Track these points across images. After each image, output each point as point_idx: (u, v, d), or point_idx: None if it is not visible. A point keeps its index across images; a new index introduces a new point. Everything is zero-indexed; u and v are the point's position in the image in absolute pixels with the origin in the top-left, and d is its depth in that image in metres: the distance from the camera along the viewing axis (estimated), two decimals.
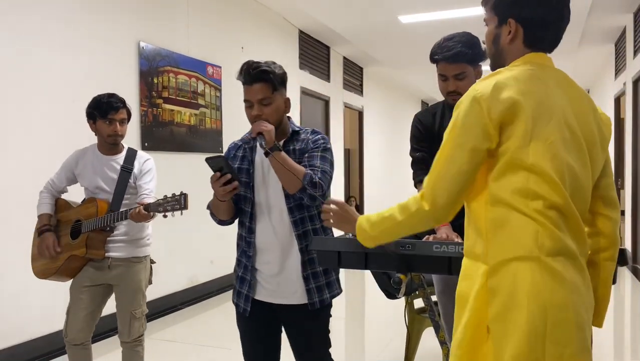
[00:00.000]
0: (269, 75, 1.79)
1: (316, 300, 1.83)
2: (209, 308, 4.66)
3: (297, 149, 1.88)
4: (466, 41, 1.98)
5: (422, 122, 2.17)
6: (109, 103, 2.44)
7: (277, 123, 1.83)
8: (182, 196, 2.27)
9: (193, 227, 4.73)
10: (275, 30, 6.30)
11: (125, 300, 2.50)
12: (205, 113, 4.97)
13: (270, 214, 1.85)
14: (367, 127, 9.63)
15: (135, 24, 4.14)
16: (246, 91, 1.82)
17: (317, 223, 1.87)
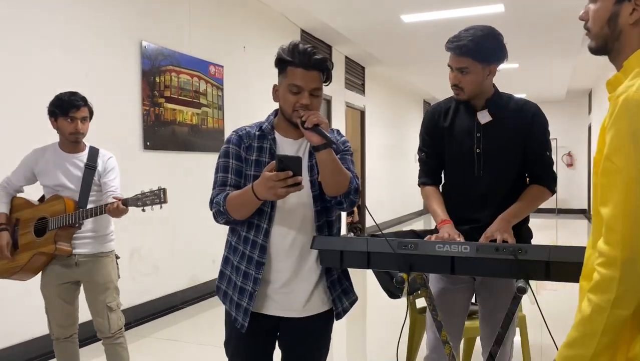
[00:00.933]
0: (327, 66, 1.65)
1: (341, 309, 1.74)
2: (210, 307, 4.65)
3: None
4: (481, 36, 1.85)
5: (432, 121, 2.07)
6: (70, 101, 2.46)
7: None
8: (161, 190, 2.33)
9: (194, 226, 4.73)
10: (277, 29, 6.30)
11: (97, 293, 2.53)
12: (207, 112, 4.97)
13: (292, 217, 1.67)
14: (368, 127, 9.62)
15: (137, 23, 4.14)
16: (300, 75, 1.61)
17: (334, 228, 1.75)
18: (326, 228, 1.71)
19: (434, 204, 2.02)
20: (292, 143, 1.74)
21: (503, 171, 1.95)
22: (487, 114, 1.95)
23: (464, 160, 1.98)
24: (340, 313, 1.74)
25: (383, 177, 10.36)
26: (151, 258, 4.27)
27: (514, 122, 1.94)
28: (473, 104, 1.98)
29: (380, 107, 10.27)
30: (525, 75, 9.95)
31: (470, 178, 1.98)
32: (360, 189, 1.70)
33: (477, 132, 1.95)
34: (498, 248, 1.48)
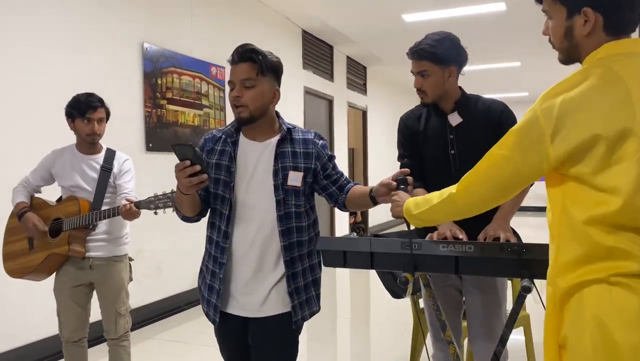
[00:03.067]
0: (257, 55, 1.64)
1: (299, 317, 1.68)
2: None
3: (298, 152, 1.70)
4: (436, 39, 1.96)
5: (407, 126, 2.16)
6: (88, 102, 2.46)
7: (259, 112, 1.66)
8: (173, 193, 2.29)
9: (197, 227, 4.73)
10: (279, 30, 6.30)
11: (109, 299, 2.54)
12: (209, 114, 4.97)
13: (253, 220, 1.67)
14: (371, 126, 9.61)
15: (139, 25, 4.14)
16: (231, 71, 1.67)
17: (304, 235, 1.70)
18: (294, 233, 1.67)
19: None
20: (256, 146, 1.70)
21: None
22: (457, 116, 2.04)
23: (440, 162, 2.05)
24: (299, 321, 1.68)
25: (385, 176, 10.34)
26: (155, 260, 4.27)
27: (484, 121, 2.02)
28: (442, 107, 2.07)
29: (382, 107, 10.27)
30: (527, 73, 9.93)
31: (447, 179, 2.02)
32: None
33: (450, 134, 2.04)
34: (502, 248, 1.48)
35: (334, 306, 5.12)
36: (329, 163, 1.77)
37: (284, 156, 1.68)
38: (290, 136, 1.73)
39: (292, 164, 1.68)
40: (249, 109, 1.64)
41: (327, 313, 4.77)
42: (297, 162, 1.69)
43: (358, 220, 9.21)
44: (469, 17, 6.23)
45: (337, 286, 5.97)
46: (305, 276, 1.71)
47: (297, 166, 1.68)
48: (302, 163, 1.70)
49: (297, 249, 1.68)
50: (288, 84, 6.51)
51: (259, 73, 1.64)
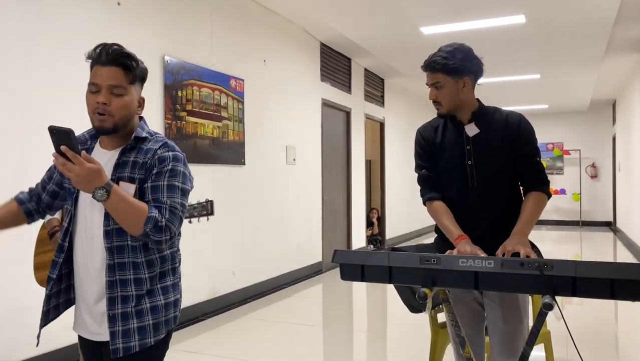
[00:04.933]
0: (131, 62, 1.51)
1: (120, 346, 1.48)
2: (231, 319, 4.67)
3: (139, 162, 1.53)
4: (448, 51, 1.98)
5: (424, 138, 2.16)
6: None
7: (124, 122, 1.52)
8: (209, 203, 2.37)
9: (214, 238, 4.77)
10: (297, 43, 6.36)
11: None
12: (228, 125, 5.02)
13: (86, 234, 1.54)
14: (388, 138, 9.60)
15: (160, 38, 4.22)
16: (96, 72, 1.49)
17: (139, 256, 1.51)
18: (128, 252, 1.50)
19: (445, 220, 2.04)
20: (105, 154, 1.57)
21: (495, 180, 2.02)
22: (475, 127, 2.05)
23: (457, 173, 2.05)
24: (118, 349, 1.48)
25: (402, 189, 10.31)
26: None
27: (501, 132, 2.02)
28: (459, 118, 2.08)
29: (399, 119, 10.26)
30: (547, 86, 9.84)
31: (464, 190, 2.05)
32: (165, 225, 1.46)
33: (467, 145, 2.04)
34: (523, 263, 1.46)
35: (350, 319, 5.08)
36: (156, 180, 1.51)
37: (125, 166, 1.53)
38: (141, 144, 1.56)
39: (128, 174, 1.51)
40: (113, 120, 1.49)
41: (343, 326, 4.75)
42: (134, 172, 1.52)
43: (375, 232, 9.17)
44: (488, 30, 6.21)
45: (353, 298, 5.94)
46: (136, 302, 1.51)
47: (132, 177, 1.51)
48: (137, 174, 1.52)
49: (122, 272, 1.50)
50: (306, 96, 6.56)
51: (130, 82, 1.51)
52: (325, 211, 6.99)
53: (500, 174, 2.02)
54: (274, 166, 5.84)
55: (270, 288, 5.66)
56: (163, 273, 1.58)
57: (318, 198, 6.86)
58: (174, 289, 1.63)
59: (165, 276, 1.59)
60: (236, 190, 5.14)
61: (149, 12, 4.11)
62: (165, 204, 1.48)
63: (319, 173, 6.89)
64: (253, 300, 5.26)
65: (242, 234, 5.21)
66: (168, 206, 1.48)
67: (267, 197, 5.68)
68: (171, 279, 1.62)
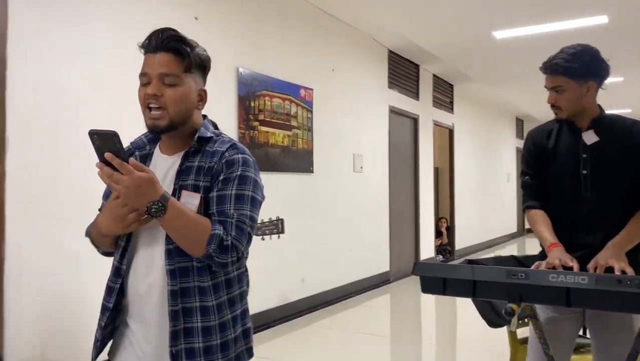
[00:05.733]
0: (184, 46, 1.33)
1: None
2: (300, 326, 4.70)
3: (204, 167, 1.31)
4: (573, 53, 1.84)
5: (535, 142, 2.02)
6: None
7: (181, 118, 1.31)
8: (279, 221, 2.37)
9: (284, 245, 4.83)
10: (365, 50, 6.36)
11: None
12: (298, 134, 5.10)
13: (146, 254, 1.32)
14: (457, 145, 9.37)
15: (234, 50, 4.36)
16: (146, 61, 1.31)
17: (205, 279, 1.28)
18: (193, 274, 1.27)
19: (541, 227, 1.93)
20: (166, 160, 1.37)
21: (611, 193, 1.87)
22: (594, 135, 1.91)
23: (570, 182, 1.92)
24: None
25: (473, 197, 10.01)
26: None
27: (622, 143, 1.87)
28: (578, 124, 1.94)
29: (469, 125, 9.99)
30: (631, 89, 9.24)
31: (576, 200, 1.91)
32: (231, 244, 1.24)
33: (583, 153, 1.90)
34: (621, 280, 1.36)
35: (418, 330, 4.98)
36: (222, 188, 1.29)
37: (189, 173, 1.32)
38: (204, 147, 1.35)
39: (192, 182, 1.30)
40: (168, 115, 1.29)
41: (411, 337, 4.66)
42: (199, 180, 1.31)
43: (444, 242, 8.95)
44: (567, 32, 5.92)
45: (422, 309, 5.82)
46: (203, 336, 1.27)
47: (197, 185, 1.30)
48: (202, 181, 1.31)
49: (187, 299, 1.27)
50: (373, 103, 6.54)
51: (186, 69, 1.32)
52: (392, 220, 6.91)
53: (617, 186, 1.87)
54: (341, 174, 5.86)
55: (338, 296, 5.66)
56: (232, 300, 1.33)
57: (385, 207, 6.80)
58: (243, 317, 1.37)
59: (234, 304, 1.34)
60: (305, 198, 5.19)
61: (224, 25, 4.26)
62: (232, 218, 1.26)
63: (386, 181, 6.83)
64: (322, 308, 5.27)
65: (310, 241, 5.25)
66: (235, 221, 1.26)
67: (335, 205, 5.70)
68: (240, 306, 1.36)
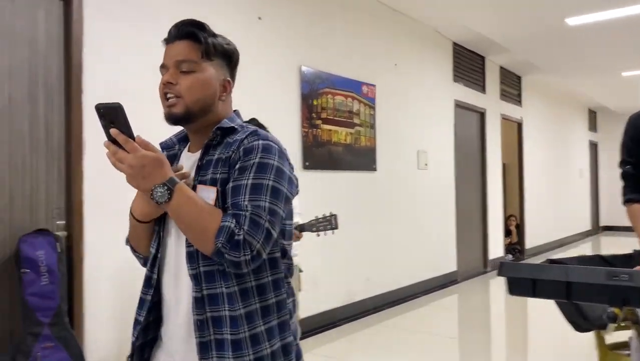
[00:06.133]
0: (201, 32, 1.22)
1: None
2: (367, 325, 4.64)
3: (222, 158, 1.19)
4: None
5: (637, 127, 1.85)
6: None
7: (199, 106, 1.20)
8: (333, 216, 2.50)
9: (350, 244, 4.78)
10: (429, 44, 6.19)
11: None
12: (360, 131, 5.03)
13: (175, 260, 1.19)
14: (527, 139, 8.96)
15: (297, 49, 4.35)
16: (165, 52, 1.23)
17: (232, 284, 1.13)
18: (219, 279, 1.13)
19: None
20: (189, 158, 1.26)
21: None
22: None
23: None
24: None
25: (543, 194, 9.53)
26: (310, 274, 4.39)
27: None
28: None
29: (539, 118, 9.53)
30: None
31: None
32: (243, 239, 1.06)
33: None
34: None
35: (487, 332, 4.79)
36: (239, 177, 1.14)
37: (208, 167, 1.19)
38: (229, 137, 1.22)
39: (211, 176, 1.17)
40: (184, 102, 1.18)
41: (481, 339, 4.47)
42: (216, 172, 1.17)
43: (513, 241, 8.59)
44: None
45: (491, 310, 5.59)
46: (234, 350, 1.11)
47: (214, 179, 1.17)
48: (220, 173, 1.17)
49: (215, 307, 1.12)
50: (438, 98, 6.35)
51: (203, 55, 1.22)
52: (459, 218, 6.69)
53: None
54: (405, 171, 5.73)
55: (404, 296, 5.54)
56: (266, 309, 1.16)
57: (452, 204, 6.59)
58: (282, 330, 1.19)
59: (269, 313, 1.17)
60: (368, 196, 5.12)
61: (286, 25, 4.26)
62: (245, 211, 1.08)
63: (452, 178, 6.63)
64: (387, 308, 5.18)
65: (374, 240, 5.17)
66: (249, 214, 1.08)
67: (399, 203, 5.58)
68: (276, 316, 1.18)
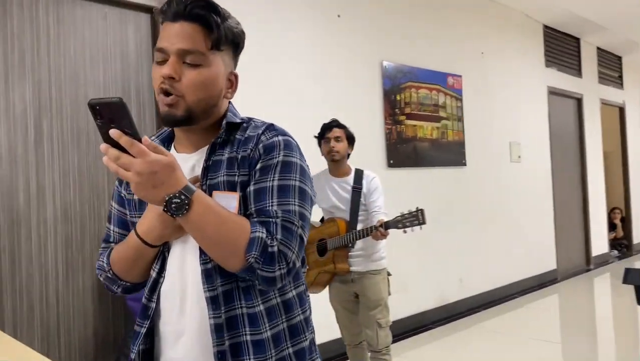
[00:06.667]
0: (213, 15, 0.98)
1: None
2: (460, 328, 4.43)
3: (237, 158, 1.01)
4: None
5: None
6: (326, 125, 2.71)
7: (202, 108, 1.00)
8: (419, 211, 2.43)
9: (440, 243, 4.59)
10: (517, 29, 5.81)
11: (368, 309, 2.64)
12: (447, 125, 4.81)
13: (180, 279, 1.02)
14: (630, 125, 8.18)
15: (377, 44, 4.23)
16: (163, 32, 0.99)
17: (256, 302, 0.98)
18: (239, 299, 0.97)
19: None
20: (186, 160, 1.04)
21: None
22: None
23: None
24: None
25: None
26: (401, 276, 4.26)
27: None
28: None
29: None
30: None
31: None
32: (277, 250, 0.93)
33: None
34: None
35: (593, 336, 4.40)
36: (261, 179, 0.99)
37: (218, 168, 1.01)
38: (236, 134, 1.05)
39: (225, 178, 1.00)
40: (185, 103, 0.98)
41: (586, 344, 4.11)
42: (233, 174, 1.00)
43: (619, 235, 7.88)
44: None
45: (596, 311, 5.14)
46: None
47: (232, 182, 0.99)
48: (238, 175, 1.00)
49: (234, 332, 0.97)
50: (529, 85, 5.95)
51: (213, 45, 0.99)
52: (557, 213, 6.23)
53: None
54: (497, 165, 5.42)
55: (499, 297, 5.24)
56: (294, 328, 1.02)
57: (549, 198, 6.16)
58: (311, 351, 1.06)
59: (297, 333, 1.02)
60: (458, 193, 4.89)
61: (366, 20, 4.16)
62: (275, 217, 0.95)
63: (548, 170, 6.19)
64: (482, 310, 4.92)
65: (466, 239, 4.93)
66: (280, 220, 0.95)
67: (491, 199, 5.28)
68: (306, 336, 1.04)
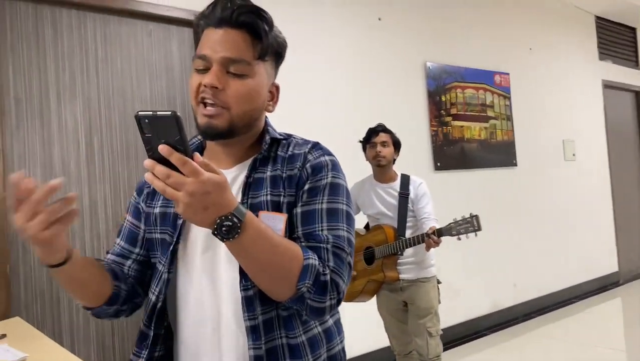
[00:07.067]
0: (262, 23, 0.92)
1: None
2: (515, 335, 4.26)
3: (281, 177, 0.95)
4: None
5: None
6: (372, 130, 2.67)
7: (245, 121, 0.94)
8: (474, 217, 2.32)
9: (493, 248, 4.44)
10: (567, 22, 5.58)
11: (418, 318, 2.58)
12: (496, 125, 4.66)
13: (202, 299, 0.93)
14: None
15: (419, 45, 4.15)
16: (206, 39, 0.93)
17: (298, 332, 0.91)
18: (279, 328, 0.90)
19: None
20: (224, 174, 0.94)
21: None
22: None
23: None
24: None
25: None
26: (451, 282, 4.15)
27: None
28: None
29: None
30: None
31: None
32: (330, 280, 0.87)
33: None
34: None
35: None
36: (310, 201, 0.93)
37: (259, 186, 0.94)
38: (277, 150, 0.99)
39: (269, 197, 0.93)
40: (229, 115, 0.91)
41: None
42: (278, 193, 0.94)
43: None
44: None
45: None
46: None
47: (277, 202, 0.93)
48: (284, 195, 0.93)
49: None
50: (582, 80, 5.70)
51: (260, 55, 0.93)
52: (617, 213, 5.91)
53: None
54: (550, 164, 5.20)
55: (555, 302, 5.01)
56: (333, 359, 0.97)
57: (607, 198, 5.85)
58: None
59: None
60: (509, 195, 4.72)
61: (407, 21, 4.09)
62: (326, 243, 0.89)
63: (606, 168, 5.89)
64: (537, 316, 4.73)
65: (519, 243, 4.74)
66: (330, 247, 0.89)
67: (544, 200, 5.07)
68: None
